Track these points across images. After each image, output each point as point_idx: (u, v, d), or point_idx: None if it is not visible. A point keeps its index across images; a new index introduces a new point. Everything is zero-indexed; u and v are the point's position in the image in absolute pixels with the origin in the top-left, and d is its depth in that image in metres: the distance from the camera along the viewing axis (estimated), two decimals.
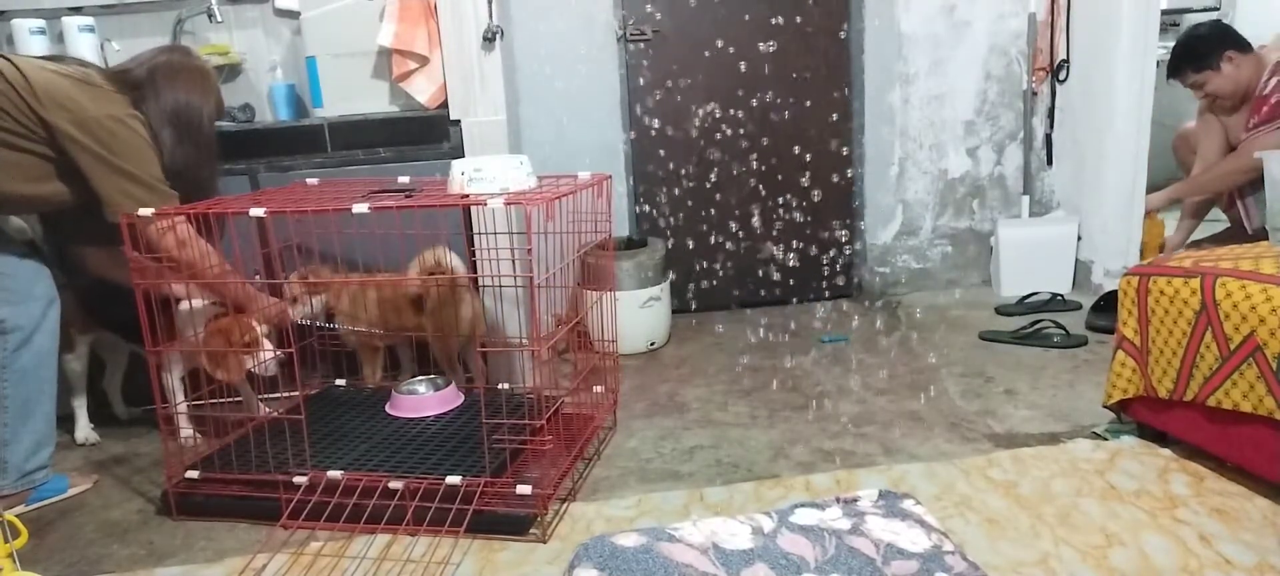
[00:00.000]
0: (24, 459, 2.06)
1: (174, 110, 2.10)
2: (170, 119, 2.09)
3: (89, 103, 1.96)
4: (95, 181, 1.97)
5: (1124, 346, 2.07)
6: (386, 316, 2.53)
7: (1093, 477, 1.93)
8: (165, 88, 2.09)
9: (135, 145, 2.00)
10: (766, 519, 1.56)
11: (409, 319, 2.49)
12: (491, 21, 2.65)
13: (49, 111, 1.91)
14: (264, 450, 2.08)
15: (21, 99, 1.90)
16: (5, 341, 2.00)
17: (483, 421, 1.95)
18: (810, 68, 3.46)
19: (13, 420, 2.03)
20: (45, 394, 2.09)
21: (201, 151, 2.17)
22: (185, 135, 2.12)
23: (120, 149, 1.97)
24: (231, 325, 2.15)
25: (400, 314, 2.50)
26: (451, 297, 2.46)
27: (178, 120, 2.10)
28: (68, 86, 1.95)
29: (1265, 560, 1.57)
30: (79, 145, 1.93)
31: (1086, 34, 3.36)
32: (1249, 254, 1.94)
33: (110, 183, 1.97)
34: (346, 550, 1.82)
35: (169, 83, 2.10)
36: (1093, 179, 3.37)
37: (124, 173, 1.97)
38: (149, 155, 2.03)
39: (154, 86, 2.08)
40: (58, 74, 1.96)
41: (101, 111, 1.96)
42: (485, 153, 2.66)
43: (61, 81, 1.95)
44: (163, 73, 2.10)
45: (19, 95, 1.89)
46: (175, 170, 2.09)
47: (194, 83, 2.15)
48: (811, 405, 2.50)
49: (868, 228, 3.69)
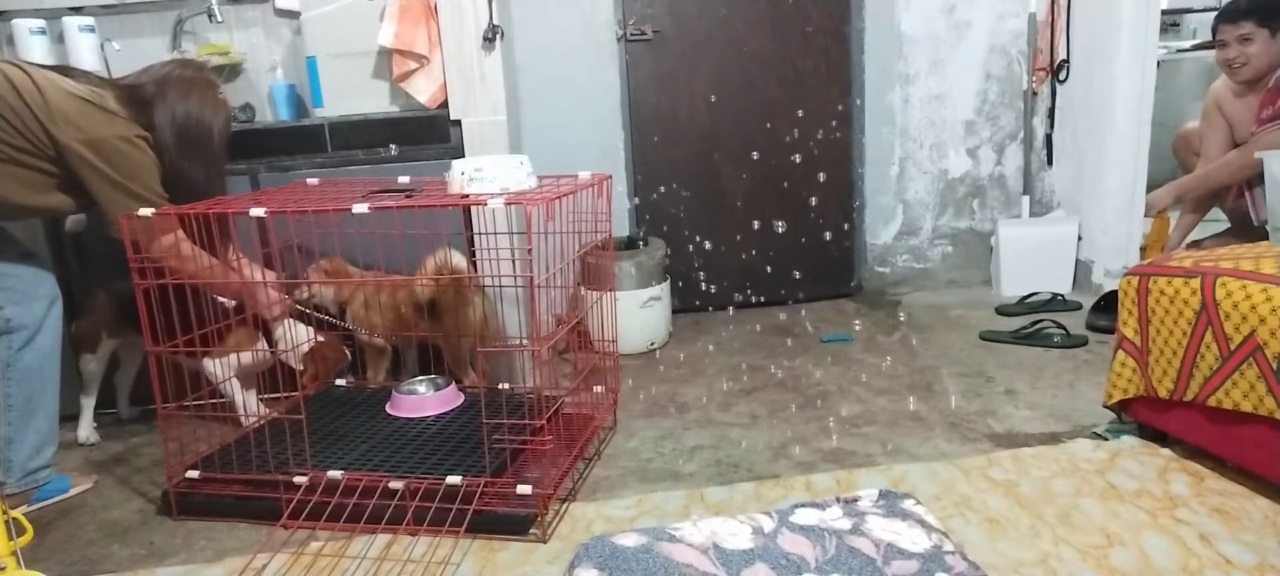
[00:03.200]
0: (28, 458, 2.06)
1: (183, 124, 2.11)
2: (178, 133, 2.11)
3: (102, 124, 1.98)
4: (101, 198, 1.99)
5: (1124, 346, 2.07)
6: (397, 318, 2.52)
7: (1093, 477, 1.93)
8: (175, 102, 2.11)
9: (142, 164, 2.03)
10: (767, 519, 1.56)
11: (420, 321, 2.49)
12: (491, 21, 2.65)
13: (60, 130, 1.92)
14: (264, 450, 2.08)
15: (34, 115, 1.91)
16: (10, 341, 2.01)
17: (483, 421, 1.95)
18: (810, 67, 3.46)
19: (17, 419, 2.03)
20: (49, 393, 2.10)
21: (210, 167, 2.19)
22: (194, 150, 2.13)
23: (127, 167, 1.99)
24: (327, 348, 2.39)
25: (411, 316, 2.50)
26: (462, 300, 2.46)
27: (186, 135, 2.12)
28: (80, 108, 1.96)
29: (1265, 560, 1.57)
30: (88, 165, 1.95)
31: (1086, 34, 3.36)
32: (1249, 254, 1.94)
33: (115, 199, 1.98)
34: (346, 550, 1.82)
35: (180, 97, 2.12)
36: (1093, 179, 3.37)
37: (129, 191, 1.99)
38: (153, 173, 2.05)
39: (164, 100, 2.10)
40: (72, 95, 1.97)
41: (112, 132, 1.99)
42: (485, 153, 2.66)
43: (74, 102, 1.96)
44: (174, 87, 2.12)
45: (31, 112, 1.90)
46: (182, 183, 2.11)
47: (206, 98, 2.17)
48: (811, 405, 2.50)
49: (868, 227, 3.69)
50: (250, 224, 2.13)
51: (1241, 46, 2.98)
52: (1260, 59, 2.97)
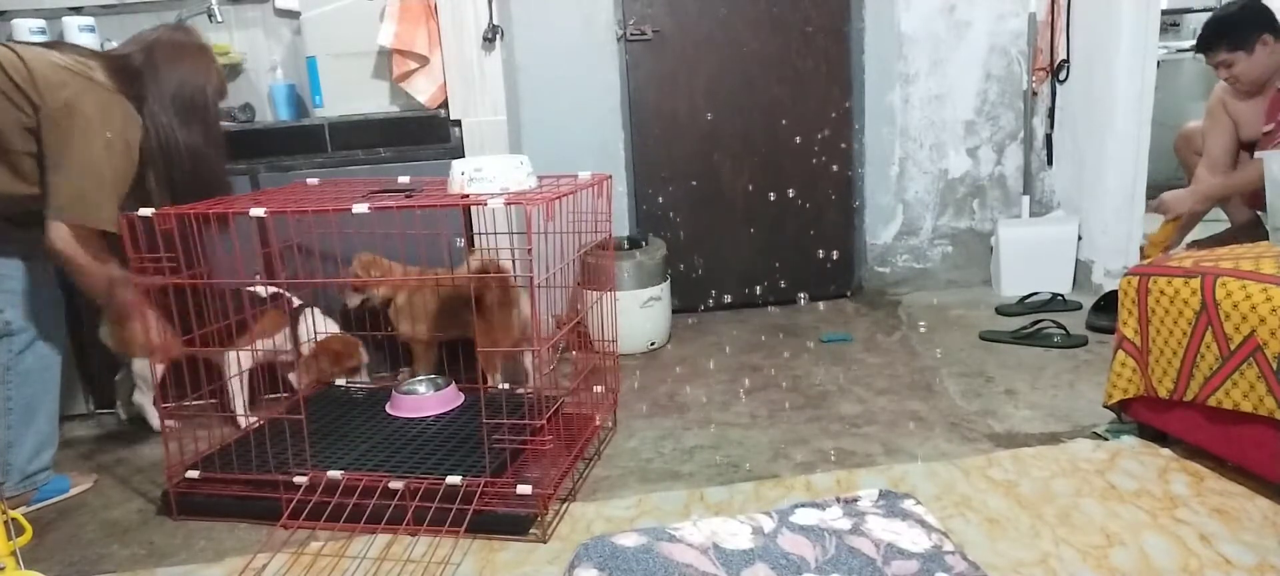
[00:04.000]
0: (27, 460, 2.06)
1: (176, 92, 2.04)
2: (174, 101, 2.03)
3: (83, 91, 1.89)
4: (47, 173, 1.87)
5: (1124, 346, 2.07)
6: (442, 316, 2.51)
7: (1093, 477, 1.93)
8: (166, 69, 2.03)
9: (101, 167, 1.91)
10: (767, 519, 1.56)
11: (463, 319, 2.47)
12: (491, 21, 2.65)
13: (42, 97, 1.85)
14: (264, 450, 2.08)
15: (21, 92, 1.84)
16: (10, 344, 2.00)
17: (483, 421, 1.95)
18: (810, 67, 3.46)
19: (17, 422, 2.03)
20: (48, 395, 2.10)
21: (209, 130, 2.11)
22: (191, 115, 2.06)
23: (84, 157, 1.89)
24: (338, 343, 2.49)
25: (455, 314, 2.49)
26: (505, 299, 2.44)
27: (181, 102, 2.04)
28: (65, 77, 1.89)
29: (1265, 560, 1.57)
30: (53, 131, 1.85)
31: (1086, 34, 3.36)
32: (1249, 254, 1.94)
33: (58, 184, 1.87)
34: (346, 550, 1.82)
35: (169, 64, 2.04)
36: (1093, 179, 3.37)
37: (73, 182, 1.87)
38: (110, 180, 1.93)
39: (154, 70, 2.02)
40: (57, 66, 1.90)
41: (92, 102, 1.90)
42: (485, 153, 2.66)
43: (60, 72, 1.89)
44: (162, 54, 2.04)
45: (19, 89, 1.84)
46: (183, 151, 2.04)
47: (196, 61, 2.09)
48: (812, 405, 2.50)
49: (868, 227, 3.69)
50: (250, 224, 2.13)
51: (1227, 70, 3.00)
52: (1250, 74, 2.97)
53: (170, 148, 2.03)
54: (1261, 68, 2.94)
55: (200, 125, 2.08)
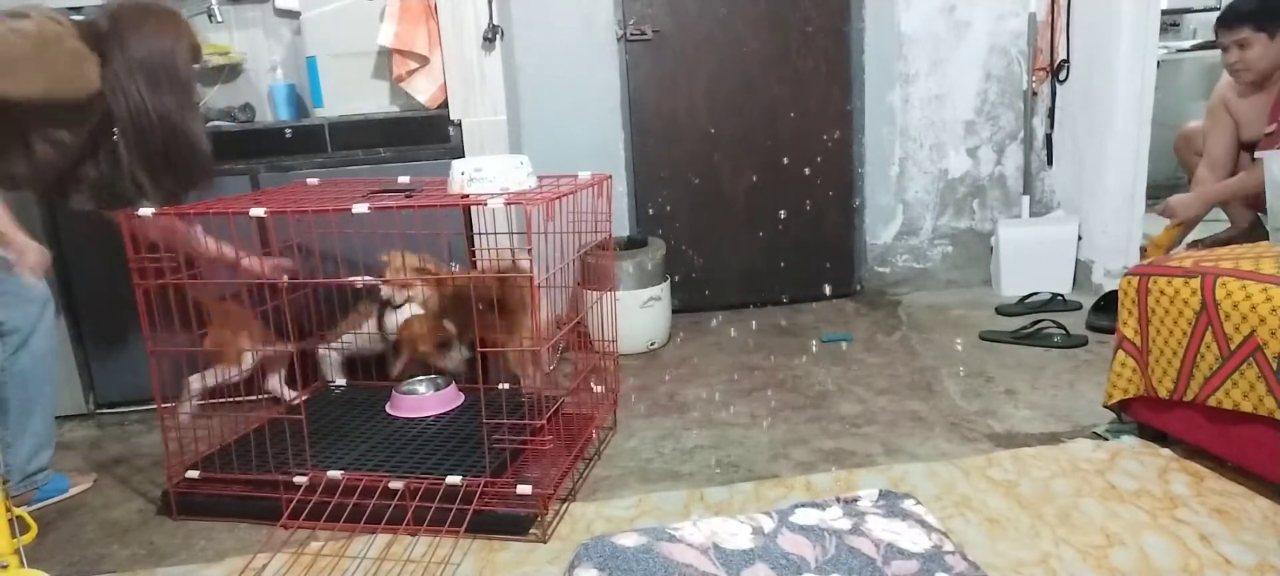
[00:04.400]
0: (25, 461, 2.06)
1: (144, 59, 1.90)
2: (142, 68, 1.90)
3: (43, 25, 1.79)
4: None
5: (1124, 346, 2.07)
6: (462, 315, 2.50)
7: (1093, 477, 1.93)
8: (131, 35, 1.90)
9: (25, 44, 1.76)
10: (767, 519, 1.56)
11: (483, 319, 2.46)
12: (491, 21, 2.65)
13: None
14: (264, 450, 2.08)
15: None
16: (3, 344, 2.00)
17: (483, 421, 1.95)
18: (810, 67, 3.46)
19: (13, 423, 2.03)
20: (44, 395, 2.09)
21: (181, 96, 1.95)
22: (160, 82, 1.91)
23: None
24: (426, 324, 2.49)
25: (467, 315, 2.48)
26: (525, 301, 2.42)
27: (150, 68, 1.90)
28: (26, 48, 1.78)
29: (1265, 560, 1.57)
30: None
31: (1086, 34, 3.36)
32: (1249, 254, 1.94)
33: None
34: (346, 550, 1.82)
35: (134, 29, 1.91)
36: (1093, 179, 3.37)
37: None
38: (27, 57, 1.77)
39: (119, 37, 1.88)
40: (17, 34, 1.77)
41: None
42: (485, 153, 2.66)
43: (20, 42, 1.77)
44: (126, 17, 1.92)
45: None
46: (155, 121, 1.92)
47: (162, 25, 1.95)
48: (812, 405, 2.50)
49: (868, 227, 3.69)
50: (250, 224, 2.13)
51: (1240, 51, 2.94)
52: (1260, 62, 2.94)
53: (140, 115, 1.90)
54: (1272, 60, 2.92)
55: (171, 91, 1.93)
